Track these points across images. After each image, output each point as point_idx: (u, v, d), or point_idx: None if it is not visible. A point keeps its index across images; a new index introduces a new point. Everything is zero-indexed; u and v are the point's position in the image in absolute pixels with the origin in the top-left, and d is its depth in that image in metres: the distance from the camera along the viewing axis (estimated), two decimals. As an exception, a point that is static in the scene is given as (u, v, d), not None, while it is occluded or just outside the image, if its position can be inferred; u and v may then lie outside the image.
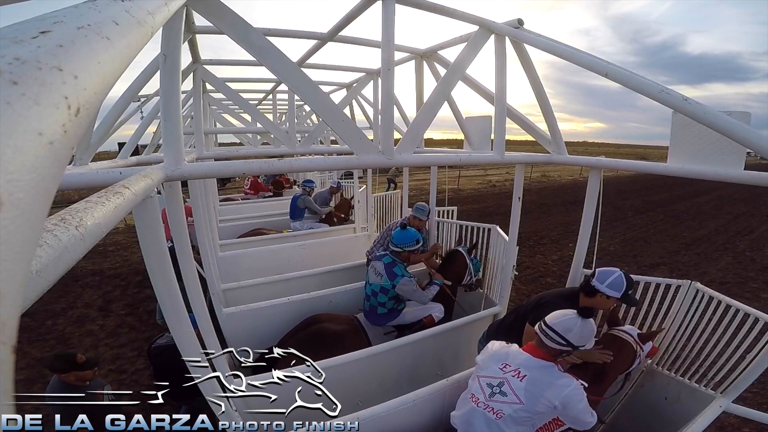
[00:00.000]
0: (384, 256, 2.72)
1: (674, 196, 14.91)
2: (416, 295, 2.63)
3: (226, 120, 5.18)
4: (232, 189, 14.71)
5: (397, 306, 2.70)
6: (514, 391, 1.47)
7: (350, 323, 2.69)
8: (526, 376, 1.48)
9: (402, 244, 2.68)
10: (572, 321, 1.49)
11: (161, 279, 1.16)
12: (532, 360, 1.52)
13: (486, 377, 1.58)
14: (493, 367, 1.58)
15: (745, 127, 1.19)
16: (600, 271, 1.87)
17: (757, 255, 7.47)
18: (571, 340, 1.47)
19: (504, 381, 1.51)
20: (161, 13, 0.54)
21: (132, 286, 5.69)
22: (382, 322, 2.69)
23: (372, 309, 2.70)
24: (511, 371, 1.52)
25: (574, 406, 1.41)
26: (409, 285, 2.58)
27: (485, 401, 1.53)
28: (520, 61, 1.94)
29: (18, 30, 0.25)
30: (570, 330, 1.47)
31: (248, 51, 1.31)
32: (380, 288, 2.63)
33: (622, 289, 1.80)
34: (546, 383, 1.45)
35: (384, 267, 2.65)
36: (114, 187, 0.68)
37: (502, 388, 1.50)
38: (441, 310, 2.80)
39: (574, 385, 1.43)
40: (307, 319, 2.73)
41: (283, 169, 1.71)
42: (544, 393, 1.43)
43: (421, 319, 2.73)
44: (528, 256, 7.19)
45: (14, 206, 0.19)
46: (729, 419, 2.91)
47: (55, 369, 2.01)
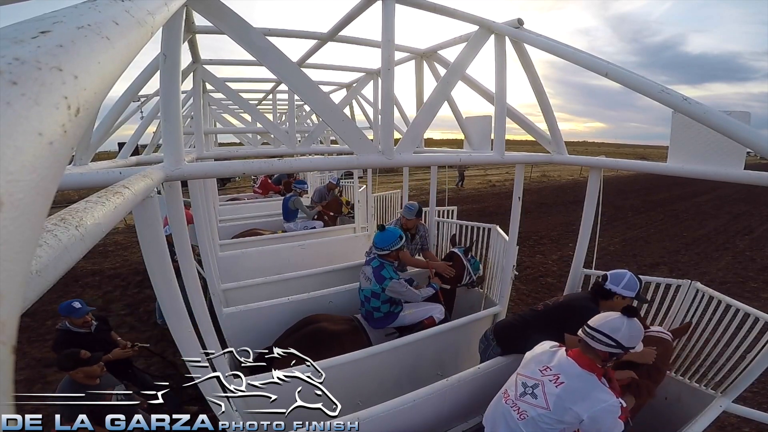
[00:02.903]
0: (372, 260, 2.71)
1: (674, 196, 14.90)
2: (408, 295, 2.62)
3: (226, 120, 5.18)
4: (232, 189, 14.71)
5: (393, 309, 2.69)
6: (546, 395, 1.43)
7: (349, 323, 2.68)
8: (564, 384, 1.42)
9: (386, 246, 2.66)
10: (619, 320, 1.45)
11: (161, 279, 1.16)
12: (575, 368, 1.44)
13: (524, 376, 1.55)
14: (533, 368, 1.54)
15: (745, 127, 1.19)
16: (612, 275, 1.90)
17: (757, 255, 7.47)
18: (620, 340, 1.42)
19: (539, 383, 1.47)
20: (161, 13, 0.54)
21: (132, 286, 5.69)
22: (381, 325, 2.68)
23: (368, 314, 2.69)
24: (550, 375, 1.47)
25: (605, 423, 1.33)
26: (398, 286, 2.56)
27: (514, 399, 1.51)
28: (520, 61, 1.94)
29: (18, 30, 0.25)
30: (618, 330, 1.43)
31: (248, 51, 1.31)
32: (371, 293, 2.62)
33: (637, 288, 1.87)
34: (581, 395, 1.38)
35: (372, 271, 2.64)
36: (114, 187, 0.68)
37: (535, 390, 1.47)
38: (441, 311, 2.79)
39: (612, 401, 1.35)
40: (303, 320, 2.71)
41: (284, 169, 1.71)
42: (575, 405, 1.37)
43: (422, 321, 2.72)
44: (528, 255, 7.19)
45: (14, 206, 0.19)
46: (729, 419, 2.91)
47: (63, 367, 2.05)
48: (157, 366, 3.70)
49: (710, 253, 7.67)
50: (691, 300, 2.11)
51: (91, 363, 2.08)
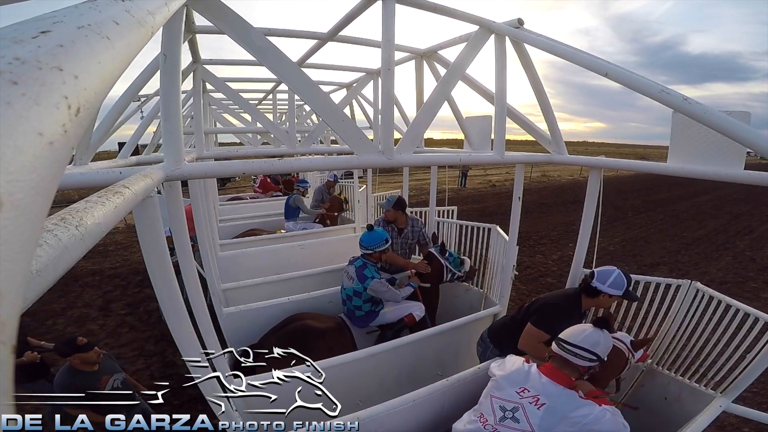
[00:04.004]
0: (356, 260, 2.74)
1: (674, 196, 14.91)
2: (388, 295, 2.65)
3: (226, 120, 5.18)
4: (232, 189, 14.72)
5: (374, 308, 2.72)
6: (528, 419, 1.39)
7: (333, 321, 2.70)
8: (545, 405, 1.39)
9: (371, 246, 2.69)
10: (596, 334, 1.46)
11: (161, 279, 1.16)
12: (554, 387, 1.42)
13: (500, 399, 1.50)
14: (510, 390, 1.49)
15: (745, 126, 1.19)
16: (599, 272, 1.88)
17: (757, 255, 7.47)
18: (599, 353, 1.44)
19: (519, 407, 1.43)
20: (161, 13, 0.54)
21: (132, 286, 5.70)
22: (362, 324, 2.71)
23: (350, 313, 2.72)
24: (528, 397, 1.43)
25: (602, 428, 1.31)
26: (379, 286, 2.58)
27: (494, 424, 1.45)
28: (520, 61, 1.94)
29: (18, 30, 0.25)
30: (598, 344, 1.45)
31: (248, 51, 1.31)
32: (353, 291, 2.65)
33: (623, 287, 1.84)
34: (564, 414, 1.36)
35: (355, 270, 2.66)
36: (114, 187, 0.68)
37: (516, 414, 1.42)
38: (421, 308, 2.82)
39: (596, 412, 1.34)
40: (288, 318, 2.71)
41: (284, 169, 1.71)
42: (559, 425, 1.35)
43: (402, 318, 2.75)
44: (528, 255, 7.19)
45: (14, 206, 0.19)
46: (729, 419, 2.91)
47: (60, 353, 2.13)
48: (157, 366, 3.71)
49: (710, 253, 7.67)
50: (691, 300, 2.11)
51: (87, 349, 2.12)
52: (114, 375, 2.27)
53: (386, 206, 3.27)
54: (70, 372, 2.12)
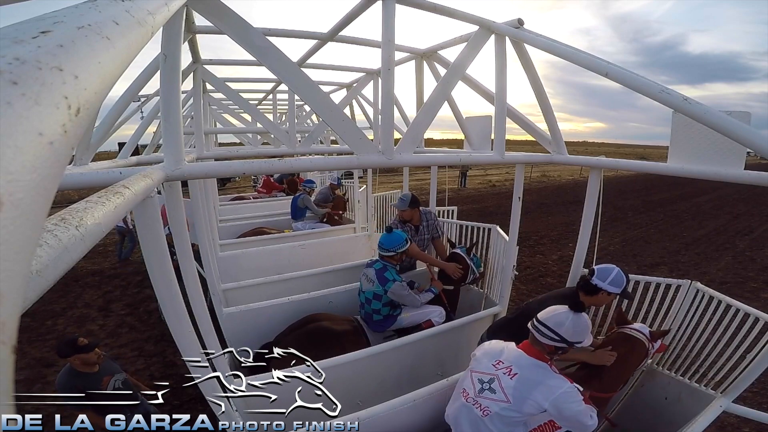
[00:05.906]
0: (375, 263, 2.71)
1: (674, 196, 14.90)
2: (409, 299, 2.62)
3: (226, 120, 5.18)
4: (232, 189, 14.72)
5: (392, 312, 2.69)
6: (503, 389, 1.44)
7: (350, 324, 2.68)
8: (517, 375, 1.45)
9: (391, 248, 2.67)
10: (564, 315, 1.47)
11: (161, 279, 1.16)
12: (525, 358, 1.48)
13: (478, 372, 1.56)
14: (486, 363, 1.55)
15: (745, 127, 1.19)
16: (599, 269, 1.89)
17: (757, 255, 7.47)
18: (563, 334, 1.44)
19: (495, 377, 1.49)
20: (161, 13, 0.54)
21: (132, 286, 5.69)
22: (380, 328, 2.68)
23: (368, 316, 2.69)
24: (503, 368, 1.49)
25: (569, 407, 1.37)
26: (400, 289, 2.56)
27: (474, 397, 1.51)
28: (520, 61, 1.94)
29: (18, 30, 0.25)
30: (562, 324, 1.45)
31: (248, 51, 1.31)
32: (373, 294, 2.62)
33: (622, 284, 1.86)
34: (535, 383, 1.41)
35: (375, 273, 2.63)
36: (114, 187, 0.68)
37: (492, 385, 1.48)
38: (441, 314, 2.78)
39: (566, 387, 1.39)
40: (305, 318, 2.71)
41: (284, 169, 1.71)
42: (532, 393, 1.39)
43: (420, 324, 2.72)
44: (528, 255, 7.19)
45: (14, 206, 0.19)
46: (729, 419, 2.91)
47: (60, 353, 2.12)
48: (157, 366, 3.71)
49: (710, 253, 7.67)
50: (691, 300, 2.11)
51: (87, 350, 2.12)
52: (115, 375, 2.26)
53: (401, 206, 3.22)
54: (70, 373, 2.11)
